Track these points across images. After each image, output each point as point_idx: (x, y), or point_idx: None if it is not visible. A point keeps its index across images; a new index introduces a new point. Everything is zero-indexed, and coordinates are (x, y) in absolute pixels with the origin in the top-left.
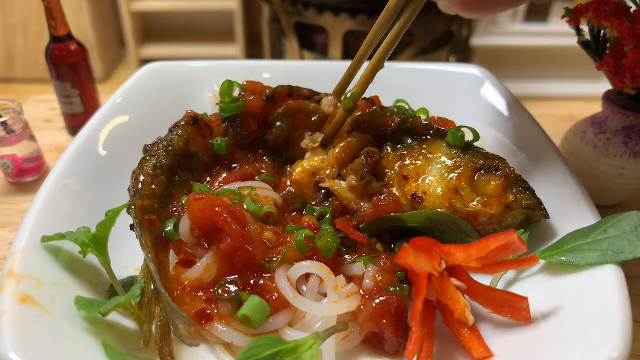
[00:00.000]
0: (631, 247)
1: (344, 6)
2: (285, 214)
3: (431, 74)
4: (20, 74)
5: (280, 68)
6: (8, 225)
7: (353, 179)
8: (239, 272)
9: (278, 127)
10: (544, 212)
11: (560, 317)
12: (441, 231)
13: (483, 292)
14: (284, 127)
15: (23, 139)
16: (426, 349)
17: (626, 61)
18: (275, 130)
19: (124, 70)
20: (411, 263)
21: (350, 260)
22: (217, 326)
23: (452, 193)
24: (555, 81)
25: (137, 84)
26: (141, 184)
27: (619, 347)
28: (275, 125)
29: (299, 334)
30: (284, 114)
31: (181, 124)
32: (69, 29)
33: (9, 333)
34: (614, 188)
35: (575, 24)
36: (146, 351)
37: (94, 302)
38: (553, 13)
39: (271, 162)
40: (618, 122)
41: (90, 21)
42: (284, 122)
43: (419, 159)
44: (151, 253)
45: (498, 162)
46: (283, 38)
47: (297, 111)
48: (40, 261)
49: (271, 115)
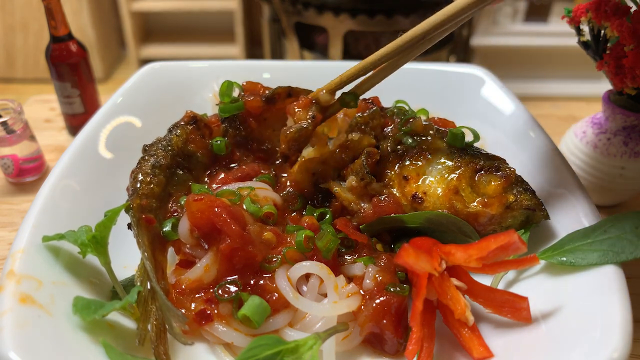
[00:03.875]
0: (631, 247)
1: (344, 6)
2: (285, 214)
3: (431, 74)
4: (20, 74)
5: (280, 68)
6: (8, 225)
7: (353, 179)
8: (239, 273)
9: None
10: (544, 212)
11: (560, 317)
12: (441, 232)
13: (483, 292)
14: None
15: (23, 139)
16: (426, 349)
17: (626, 61)
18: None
19: (124, 70)
20: (411, 263)
21: (351, 261)
22: (217, 326)
23: (452, 193)
24: (555, 81)
25: (137, 84)
26: (139, 183)
27: (619, 347)
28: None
29: (299, 334)
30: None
31: (180, 124)
32: (69, 29)
33: (9, 333)
34: (614, 188)
35: (575, 24)
36: (146, 350)
37: (90, 305)
38: (553, 13)
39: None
40: (618, 122)
41: (90, 21)
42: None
43: (419, 159)
44: (147, 252)
45: (498, 162)
46: (283, 38)
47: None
48: (40, 261)
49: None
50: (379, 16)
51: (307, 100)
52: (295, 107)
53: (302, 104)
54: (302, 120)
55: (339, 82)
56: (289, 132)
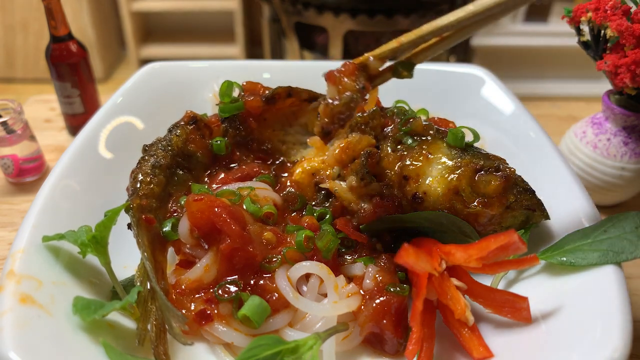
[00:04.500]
0: (631, 247)
1: (344, 6)
2: (285, 214)
3: (431, 74)
4: (20, 74)
5: (280, 68)
6: (8, 225)
7: (353, 179)
8: (239, 273)
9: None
10: (544, 212)
11: (560, 317)
12: (441, 232)
13: (483, 292)
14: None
15: (23, 139)
16: (426, 349)
17: (626, 61)
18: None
19: (124, 70)
20: (411, 263)
21: (351, 261)
22: (217, 326)
23: (452, 193)
24: (555, 81)
25: (137, 84)
26: (139, 183)
27: (619, 347)
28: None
29: (299, 334)
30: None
31: (180, 124)
32: (69, 29)
33: (9, 333)
34: (614, 188)
35: (575, 24)
36: (145, 350)
37: (90, 305)
38: (553, 13)
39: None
40: (618, 122)
41: (90, 21)
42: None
43: (419, 159)
44: (147, 252)
45: (498, 162)
46: (283, 38)
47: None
48: (40, 261)
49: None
50: (379, 16)
51: (352, 66)
52: (341, 75)
53: (347, 71)
54: (348, 91)
55: (396, 47)
56: (335, 103)
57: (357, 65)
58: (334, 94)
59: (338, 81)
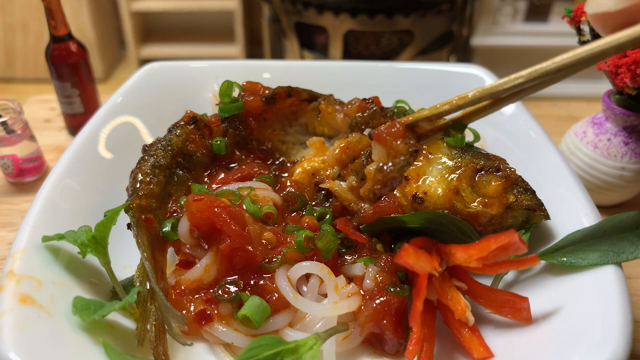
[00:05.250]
0: (631, 247)
1: (344, 6)
2: (285, 214)
3: (431, 74)
4: (20, 74)
5: (280, 68)
6: (8, 225)
7: (353, 179)
8: (239, 273)
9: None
10: (544, 212)
11: (560, 317)
12: (441, 232)
13: (483, 292)
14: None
15: (23, 139)
16: (426, 349)
17: (626, 61)
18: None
19: (124, 70)
20: (411, 263)
21: (351, 261)
22: (217, 326)
23: (452, 194)
24: None
25: (137, 84)
26: (139, 183)
27: (619, 347)
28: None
29: (299, 334)
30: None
31: (180, 124)
32: (69, 29)
33: (9, 333)
34: (614, 188)
35: (575, 24)
36: (145, 351)
37: (90, 306)
38: (553, 13)
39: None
40: (618, 122)
41: (90, 21)
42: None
43: (419, 159)
44: (147, 252)
45: (499, 162)
46: (283, 38)
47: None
48: (40, 261)
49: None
50: (379, 16)
51: (402, 128)
52: (390, 138)
53: (397, 132)
54: (401, 155)
55: (447, 110)
56: (389, 169)
57: (406, 125)
58: (382, 157)
59: (388, 143)
